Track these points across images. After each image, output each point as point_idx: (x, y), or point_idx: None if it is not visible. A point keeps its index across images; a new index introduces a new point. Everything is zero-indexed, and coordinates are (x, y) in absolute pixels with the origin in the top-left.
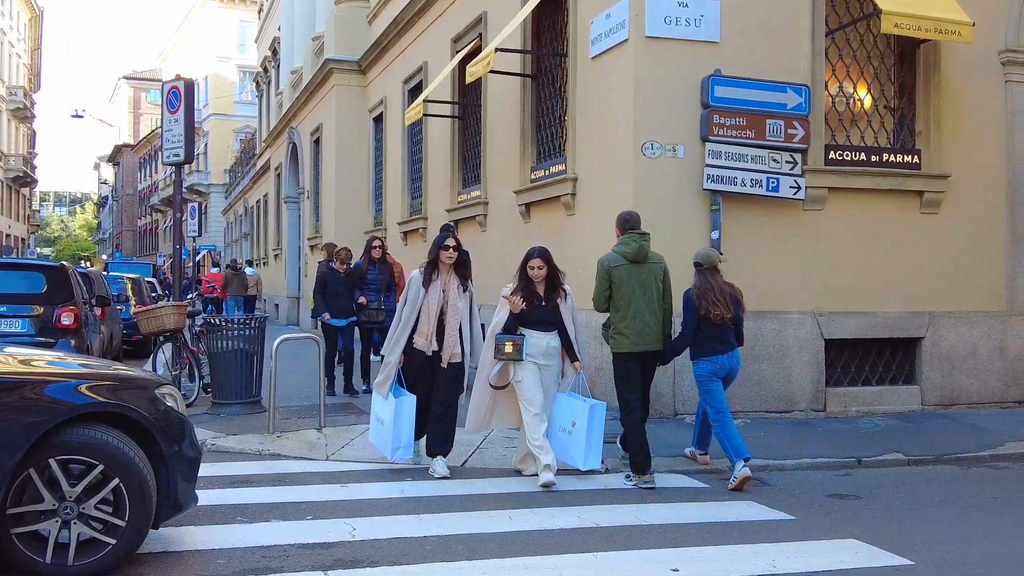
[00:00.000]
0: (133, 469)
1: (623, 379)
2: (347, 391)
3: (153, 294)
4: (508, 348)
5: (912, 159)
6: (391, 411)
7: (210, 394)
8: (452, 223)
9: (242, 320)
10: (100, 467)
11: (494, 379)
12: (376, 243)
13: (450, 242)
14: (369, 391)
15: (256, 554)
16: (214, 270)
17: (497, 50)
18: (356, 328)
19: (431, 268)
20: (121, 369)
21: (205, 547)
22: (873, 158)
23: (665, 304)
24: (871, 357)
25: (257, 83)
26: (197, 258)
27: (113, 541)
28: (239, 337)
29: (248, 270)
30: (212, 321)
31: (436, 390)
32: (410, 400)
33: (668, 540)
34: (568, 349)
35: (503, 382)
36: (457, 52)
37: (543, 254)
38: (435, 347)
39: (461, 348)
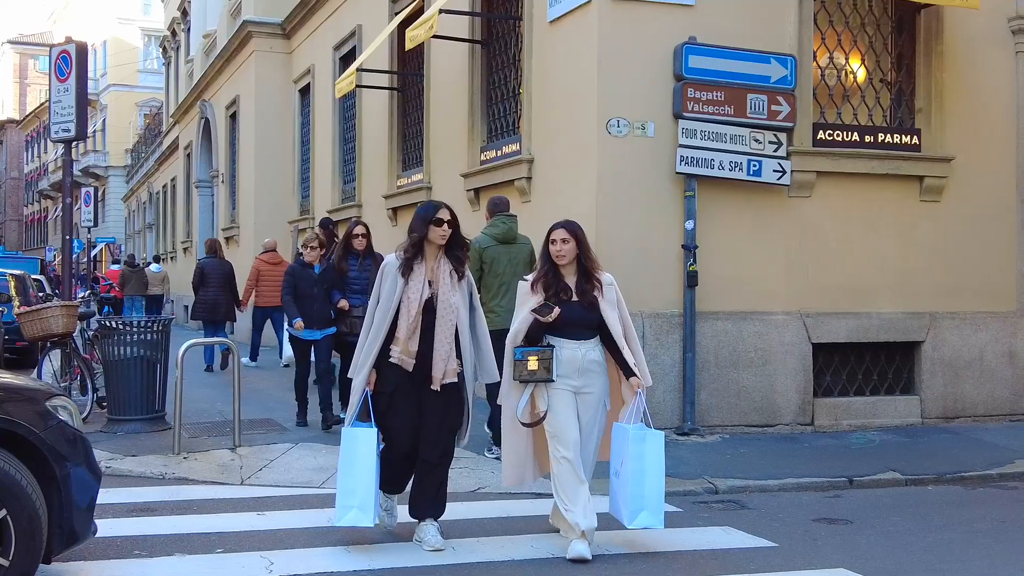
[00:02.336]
0: (23, 500)
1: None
2: (325, 424)
3: (41, 293)
4: (532, 365)
5: (911, 140)
6: (342, 450)
7: (105, 409)
8: (330, 219)
9: (143, 323)
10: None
11: (525, 415)
12: (359, 230)
13: (443, 215)
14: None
15: None
16: (114, 266)
17: (441, 11)
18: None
19: (414, 251)
20: (5, 378)
21: None
22: (867, 139)
23: None
24: (864, 364)
25: (164, 49)
26: (94, 252)
27: None
28: (139, 342)
29: (154, 267)
30: (108, 324)
31: (426, 426)
32: (368, 435)
33: (632, 570)
34: (619, 361)
35: (537, 417)
36: (396, 14)
37: (569, 225)
38: (417, 361)
39: (460, 363)
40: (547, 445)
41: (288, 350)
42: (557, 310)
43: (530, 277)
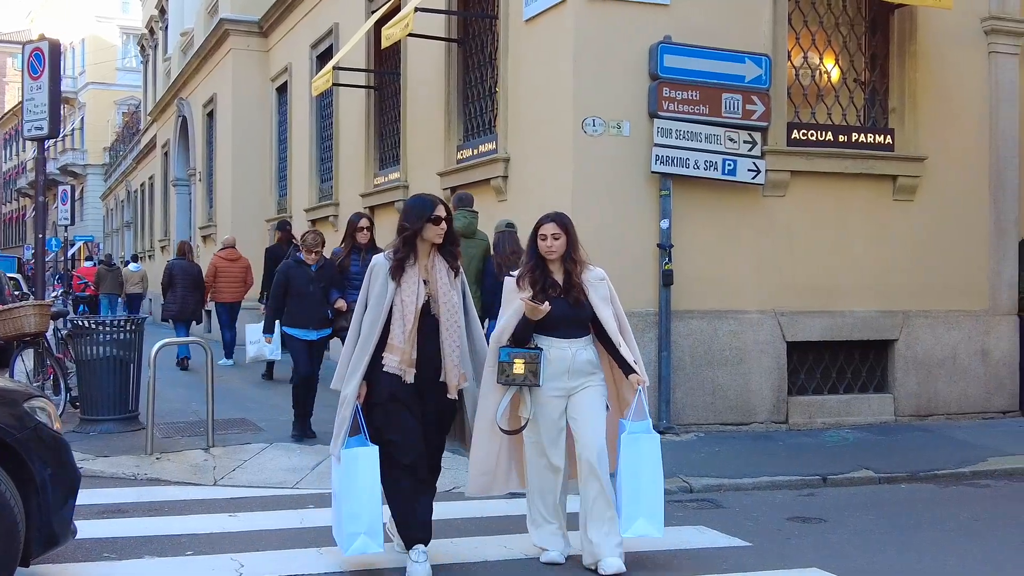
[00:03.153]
0: (3, 510)
1: None
2: (301, 434)
3: (17, 292)
4: (518, 368)
5: (884, 139)
6: (342, 472)
7: (78, 409)
8: (288, 221)
9: (116, 322)
10: None
11: (504, 421)
12: (364, 223)
13: (440, 211)
14: None
15: None
16: (87, 263)
17: (417, 10)
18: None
19: (407, 249)
20: None
21: None
22: (841, 138)
23: (487, 278)
24: (838, 362)
25: (142, 47)
26: (72, 250)
27: None
28: (112, 342)
29: (132, 266)
30: (80, 323)
31: (424, 439)
32: (369, 455)
33: None
34: (618, 359)
35: (518, 423)
36: (372, 12)
37: (559, 219)
38: (416, 370)
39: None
40: (523, 454)
41: (255, 349)
42: (547, 305)
43: (515, 273)
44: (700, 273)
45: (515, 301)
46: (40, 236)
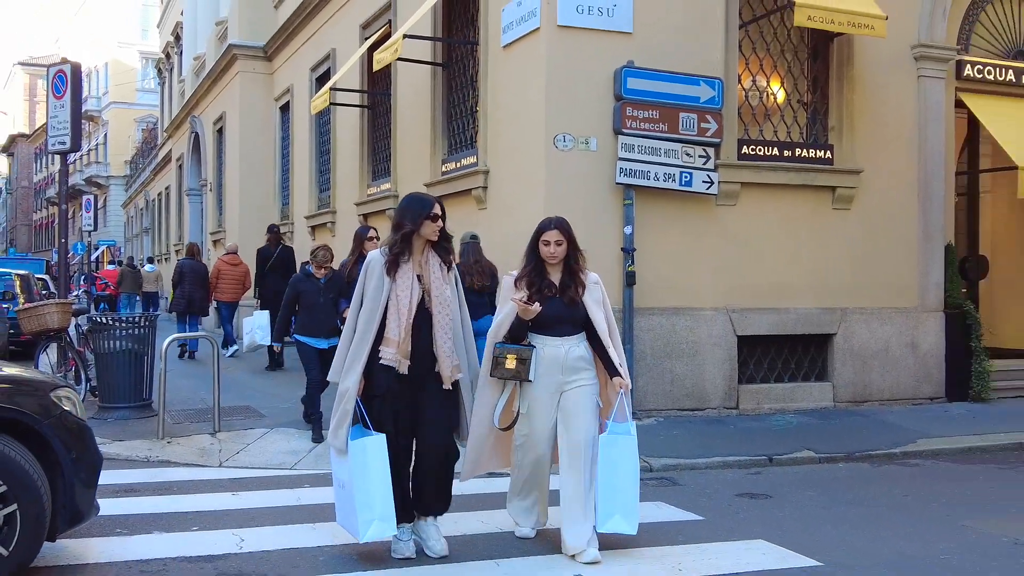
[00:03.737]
0: (29, 485)
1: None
2: (319, 438)
3: (44, 291)
4: (510, 364)
5: (825, 154)
6: (354, 462)
7: (97, 397)
8: (276, 225)
9: (131, 318)
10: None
11: (501, 419)
12: (373, 234)
13: (438, 209)
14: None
15: (133, 568)
16: (111, 266)
17: (406, 36)
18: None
19: (402, 245)
20: (14, 371)
21: (78, 562)
22: (786, 153)
23: None
24: (784, 354)
25: (159, 70)
26: (96, 254)
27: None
28: (127, 336)
29: (148, 267)
30: (99, 320)
31: (427, 426)
32: (377, 443)
33: None
34: (605, 361)
35: (511, 417)
36: (366, 39)
37: (562, 225)
38: (410, 362)
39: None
40: (509, 437)
41: (248, 338)
42: (537, 306)
43: (515, 272)
44: (660, 274)
45: (511, 300)
46: (63, 241)
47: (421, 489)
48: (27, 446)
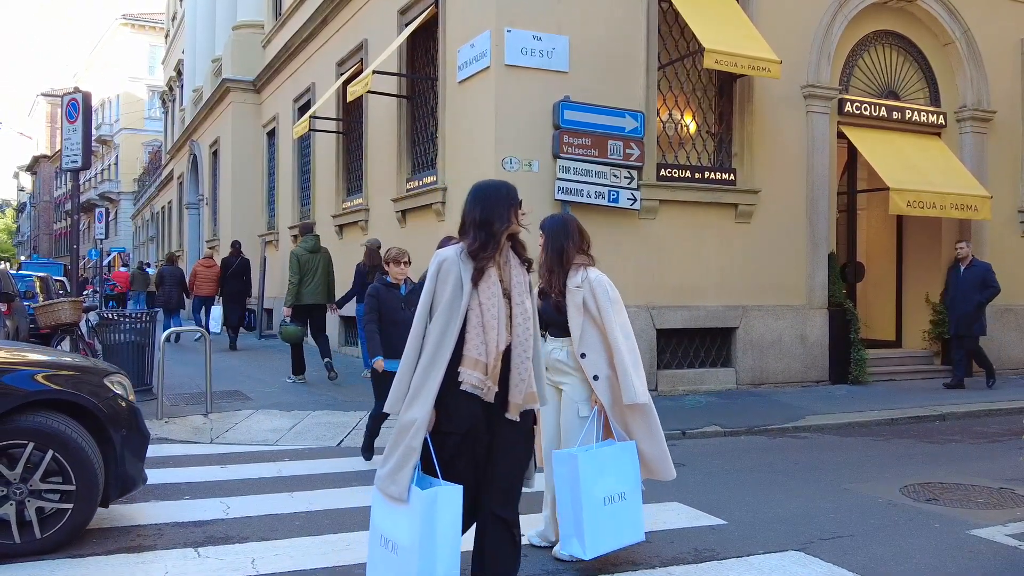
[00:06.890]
0: (85, 461)
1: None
2: (371, 454)
3: (61, 292)
4: None
5: (729, 176)
6: (417, 519)
7: None
8: (239, 241)
9: (134, 315)
10: (51, 453)
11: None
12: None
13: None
14: None
15: (131, 533)
16: (122, 270)
17: (375, 72)
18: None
19: (493, 250)
20: (75, 360)
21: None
22: (697, 175)
23: (329, 278)
24: (695, 344)
25: (163, 101)
26: (107, 259)
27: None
28: (131, 330)
29: (150, 270)
30: (106, 316)
31: (497, 469)
32: (451, 496)
33: None
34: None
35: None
36: (341, 74)
37: (542, 226)
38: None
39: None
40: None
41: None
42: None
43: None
44: None
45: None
46: (75, 247)
47: (485, 549)
48: (85, 425)
